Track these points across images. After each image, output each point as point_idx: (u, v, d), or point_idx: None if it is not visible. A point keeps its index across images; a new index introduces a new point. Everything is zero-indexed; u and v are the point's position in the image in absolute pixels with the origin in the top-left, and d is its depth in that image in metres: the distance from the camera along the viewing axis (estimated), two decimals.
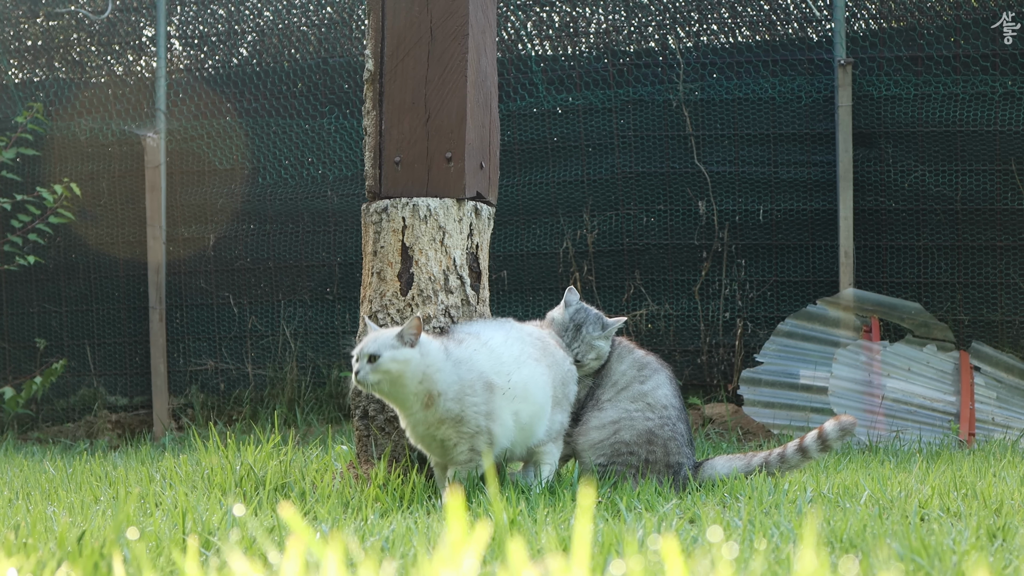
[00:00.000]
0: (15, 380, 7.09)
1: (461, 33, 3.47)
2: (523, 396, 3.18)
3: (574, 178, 6.65)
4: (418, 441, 3.16)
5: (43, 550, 2.03)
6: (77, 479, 3.84)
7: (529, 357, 3.23)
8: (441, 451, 3.15)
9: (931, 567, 1.95)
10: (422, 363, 3.03)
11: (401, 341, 3.02)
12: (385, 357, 3.01)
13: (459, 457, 3.11)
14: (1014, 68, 6.11)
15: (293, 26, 7.22)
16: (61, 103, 7.28)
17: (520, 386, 3.17)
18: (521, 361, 3.19)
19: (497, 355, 3.16)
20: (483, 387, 3.11)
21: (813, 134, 6.38)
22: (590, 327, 3.47)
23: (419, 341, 3.04)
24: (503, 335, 3.23)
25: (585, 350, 3.45)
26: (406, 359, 3.02)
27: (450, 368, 3.08)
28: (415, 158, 3.49)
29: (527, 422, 3.20)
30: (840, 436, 3.36)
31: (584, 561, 1.37)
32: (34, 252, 6.91)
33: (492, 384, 3.12)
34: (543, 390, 3.24)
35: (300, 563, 1.47)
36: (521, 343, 3.24)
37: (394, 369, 3.01)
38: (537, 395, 3.22)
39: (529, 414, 3.20)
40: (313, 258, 6.98)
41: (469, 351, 3.15)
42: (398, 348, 3.02)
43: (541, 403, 3.24)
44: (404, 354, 3.02)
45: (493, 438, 3.12)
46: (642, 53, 6.72)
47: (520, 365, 3.18)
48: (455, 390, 3.07)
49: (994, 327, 6.21)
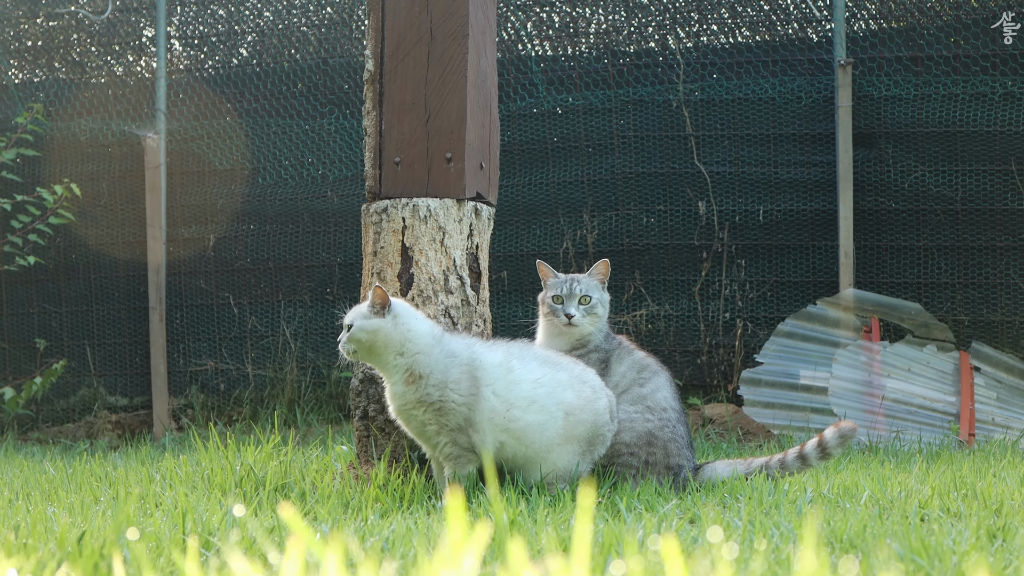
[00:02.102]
0: (15, 380, 7.09)
1: (461, 33, 3.47)
2: (517, 435, 3.14)
3: (574, 178, 6.65)
4: (397, 415, 3.17)
5: (43, 550, 2.03)
6: (77, 479, 3.84)
7: (553, 401, 3.17)
8: (423, 436, 3.16)
9: (931, 567, 1.95)
10: (395, 332, 3.08)
11: (372, 311, 3.10)
12: (356, 327, 3.10)
13: (444, 450, 3.12)
14: (1014, 68, 6.10)
15: (293, 26, 7.22)
16: (61, 103, 7.28)
17: (517, 426, 3.13)
18: (534, 400, 3.15)
19: (511, 381, 3.14)
20: (469, 387, 3.10)
21: (813, 134, 6.38)
22: (580, 282, 3.51)
23: (392, 311, 3.09)
24: (540, 375, 3.18)
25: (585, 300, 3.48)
26: (374, 328, 3.08)
27: (438, 354, 3.10)
28: (415, 158, 3.49)
29: (511, 456, 3.17)
30: (840, 443, 3.37)
31: (584, 561, 1.37)
32: (34, 252, 6.91)
33: (479, 390, 3.10)
34: (543, 435, 3.17)
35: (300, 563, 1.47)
36: (554, 384, 3.19)
37: (364, 338, 3.09)
38: (535, 439, 3.15)
39: (520, 454, 3.16)
40: (313, 258, 6.98)
41: (475, 352, 3.15)
42: (368, 318, 3.09)
43: (539, 445, 3.17)
44: (372, 323, 3.08)
45: (473, 445, 3.10)
46: (642, 53, 6.72)
47: (529, 406, 3.14)
48: (438, 378, 3.08)
49: (994, 327, 6.21)
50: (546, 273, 3.59)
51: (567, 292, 3.48)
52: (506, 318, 6.52)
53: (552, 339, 3.53)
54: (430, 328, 3.14)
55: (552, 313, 3.50)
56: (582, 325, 3.46)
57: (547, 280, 3.58)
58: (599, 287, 3.53)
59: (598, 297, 3.51)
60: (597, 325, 3.49)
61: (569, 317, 3.44)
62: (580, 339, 3.49)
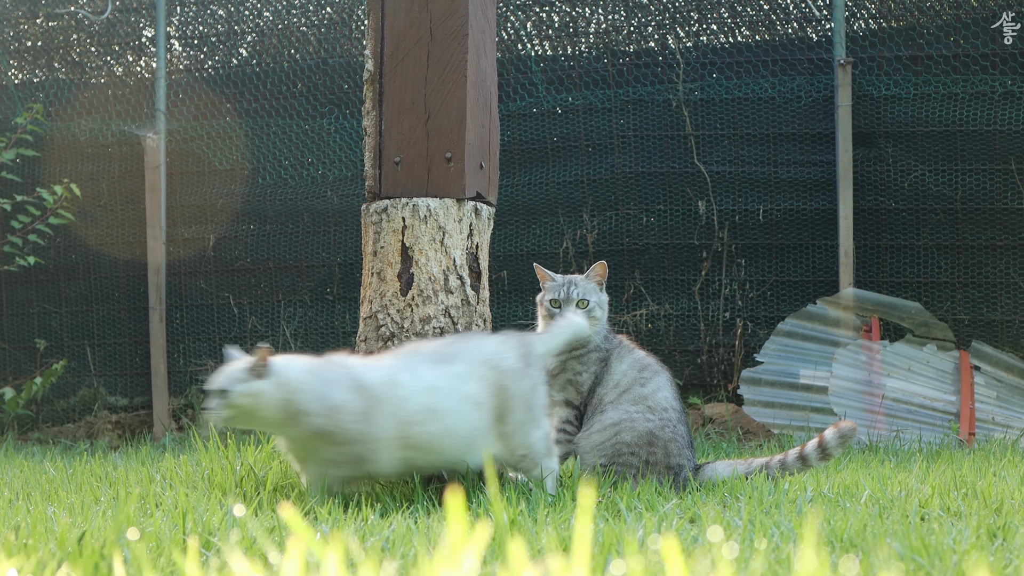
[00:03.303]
0: (15, 380, 7.09)
1: (461, 33, 3.47)
2: (423, 448, 2.94)
3: (574, 178, 6.65)
4: (287, 453, 3.00)
5: (43, 551, 2.03)
6: (77, 480, 3.84)
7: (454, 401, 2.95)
8: (313, 458, 2.97)
9: (931, 567, 1.95)
10: (278, 393, 2.85)
11: (251, 374, 2.85)
12: (235, 392, 2.84)
13: (335, 472, 2.93)
14: (1014, 68, 6.10)
15: (293, 26, 7.22)
16: (61, 104, 7.28)
17: (419, 441, 2.93)
18: (432, 408, 2.93)
19: (400, 398, 2.91)
20: (361, 409, 2.89)
21: (813, 134, 6.38)
22: (577, 285, 3.49)
23: (273, 370, 2.86)
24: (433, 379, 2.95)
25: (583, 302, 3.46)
26: (258, 392, 2.84)
27: (319, 386, 2.89)
28: (415, 158, 3.49)
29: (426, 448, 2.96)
30: (840, 443, 3.37)
31: (584, 561, 1.37)
32: (34, 253, 6.91)
33: (369, 413, 2.89)
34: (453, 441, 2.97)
35: (300, 563, 1.47)
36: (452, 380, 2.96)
37: (246, 403, 2.84)
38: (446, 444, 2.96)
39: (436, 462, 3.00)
40: (313, 258, 6.98)
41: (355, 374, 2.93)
42: (248, 381, 2.85)
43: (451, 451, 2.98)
44: (255, 387, 2.84)
45: (368, 472, 2.92)
46: (642, 53, 6.72)
47: (428, 417, 2.92)
48: (323, 407, 2.87)
49: (994, 327, 6.21)
50: (544, 276, 3.59)
51: (564, 296, 3.48)
52: (506, 318, 6.52)
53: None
54: (303, 367, 2.93)
55: (550, 316, 3.50)
56: None
57: (545, 283, 3.58)
58: (596, 289, 3.52)
59: (596, 300, 3.50)
60: (596, 327, 3.49)
61: None
62: (579, 341, 3.49)
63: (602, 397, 3.45)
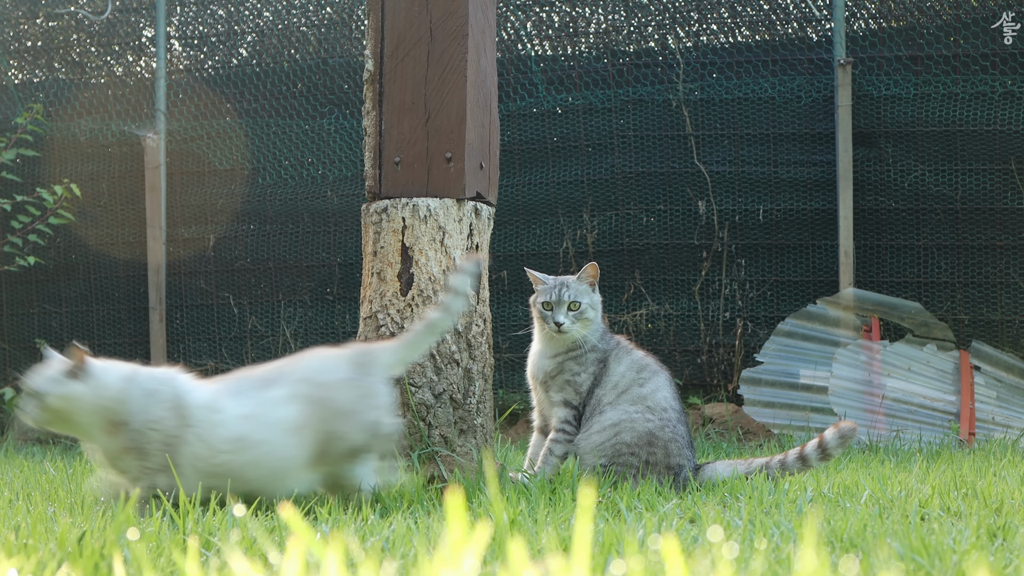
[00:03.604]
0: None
1: (461, 33, 3.47)
2: (232, 477, 2.81)
3: (574, 178, 6.65)
4: (106, 467, 2.87)
5: (43, 551, 2.03)
6: (77, 480, 3.84)
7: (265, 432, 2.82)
8: (120, 466, 2.86)
9: (931, 566, 1.95)
10: (95, 397, 2.77)
11: (67, 376, 2.78)
12: (50, 396, 2.77)
13: (140, 484, 2.80)
14: (1014, 68, 6.10)
15: (293, 26, 7.22)
16: (61, 104, 7.28)
17: (226, 470, 2.80)
18: (242, 438, 2.80)
19: (215, 423, 2.80)
20: (174, 426, 2.80)
21: (813, 134, 6.38)
22: (569, 287, 3.48)
23: (90, 372, 2.78)
24: (250, 407, 2.84)
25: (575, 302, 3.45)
26: (73, 395, 2.76)
27: (137, 395, 2.81)
28: (415, 158, 3.48)
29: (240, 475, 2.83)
30: (840, 444, 3.38)
31: (585, 561, 1.37)
32: (34, 253, 6.91)
33: (183, 431, 2.80)
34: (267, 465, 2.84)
35: (301, 563, 1.47)
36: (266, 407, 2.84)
37: (61, 407, 2.76)
38: (254, 475, 2.83)
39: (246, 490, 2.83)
40: (313, 258, 6.98)
41: (179, 390, 2.84)
42: (63, 383, 2.77)
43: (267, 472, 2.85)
44: (70, 390, 2.76)
45: (172, 486, 2.79)
46: (642, 53, 6.72)
47: (238, 446, 2.80)
48: (140, 419, 2.78)
49: (994, 327, 6.21)
50: (535, 279, 3.59)
51: (555, 299, 3.48)
52: (506, 318, 6.52)
53: (546, 342, 3.55)
54: (124, 373, 2.86)
55: (543, 319, 3.51)
56: (572, 331, 3.46)
57: (537, 285, 3.58)
58: (589, 291, 3.52)
59: (588, 301, 3.50)
60: (589, 328, 3.49)
61: (559, 325, 3.45)
62: (574, 342, 3.49)
63: (601, 398, 3.45)
